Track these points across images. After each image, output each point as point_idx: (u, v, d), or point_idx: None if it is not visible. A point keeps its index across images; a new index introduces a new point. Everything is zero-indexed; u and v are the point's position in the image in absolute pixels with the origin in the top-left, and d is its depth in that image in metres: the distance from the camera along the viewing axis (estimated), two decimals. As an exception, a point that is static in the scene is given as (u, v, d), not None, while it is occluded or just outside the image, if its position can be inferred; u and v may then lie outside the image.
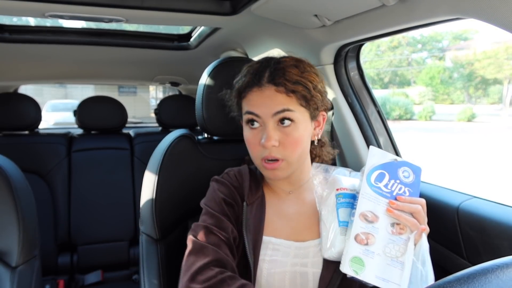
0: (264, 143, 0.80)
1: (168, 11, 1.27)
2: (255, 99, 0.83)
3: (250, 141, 0.85)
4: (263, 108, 0.81)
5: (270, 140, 0.80)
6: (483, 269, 0.41)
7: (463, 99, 20.98)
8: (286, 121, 0.81)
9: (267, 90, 0.81)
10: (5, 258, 1.09)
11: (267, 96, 0.81)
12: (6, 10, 1.28)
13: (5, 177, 1.12)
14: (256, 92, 0.83)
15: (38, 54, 1.96)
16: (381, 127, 1.33)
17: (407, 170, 0.79)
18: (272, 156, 0.81)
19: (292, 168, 0.85)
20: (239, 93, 0.86)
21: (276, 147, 0.81)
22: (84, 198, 2.21)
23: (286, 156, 0.82)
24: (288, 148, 0.81)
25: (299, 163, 0.86)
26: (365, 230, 0.74)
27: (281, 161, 0.82)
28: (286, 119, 0.81)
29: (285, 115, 0.80)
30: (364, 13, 0.99)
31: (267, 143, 0.80)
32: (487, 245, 0.93)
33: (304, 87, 0.81)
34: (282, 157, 0.81)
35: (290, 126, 0.81)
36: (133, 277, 2.21)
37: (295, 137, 0.81)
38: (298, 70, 0.83)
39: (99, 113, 2.34)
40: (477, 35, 22.73)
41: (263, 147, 0.81)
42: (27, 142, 2.19)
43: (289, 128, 0.81)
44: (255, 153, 0.84)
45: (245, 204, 0.87)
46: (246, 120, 0.85)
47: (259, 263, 0.82)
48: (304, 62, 0.86)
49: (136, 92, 11.89)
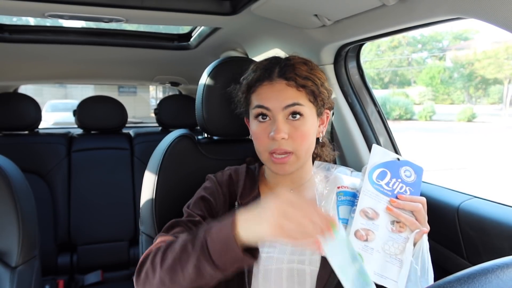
0: (274, 136, 0.81)
1: (168, 11, 1.27)
2: (266, 92, 0.84)
3: (258, 135, 0.85)
4: (274, 101, 0.82)
5: (280, 132, 0.81)
6: (483, 269, 0.41)
7: (463, 99, 20.99)
8: (296, 115, 0.83)
9: (277, 84, 0.83)
10: (5, 258, 1.09)
11: (278, 90, 0.83)
12: (6, 10, 1.28)
13: (5, 177, 1.12)
14: (267, 86, 0.84)
15: (38, 54, 1.96)
16: (381, 127, 1.33)
17: (409, 170, 0.79)
18: (281, 148, 0.82)
19: (300, 162, 0.86)
20: (249, 87, 0.87)
21: (285, 139, 0.82)
22: (84, 198, 2.21)
23: (295, 149, 0.83)
24: (297, 141, 0.83)
25: (306, 158, 0.88)
26: (365, 226, 0.74)
27: (290, 154, 0.83)
28: (296, 113, 0.83)
29: (295, 109, 0.82)
30: (364, 13, 0.99)
31: (277, 135, 0.81)
32: (487, 245, 0.93)
33: (313, 83, 0.84)
34: (291, 150, 0.83)
35: (299, 120, 0.83)
36: (133, 277, 2.20)
37: (304, 130, 0.83)
38: (307, 67, 0.85)
39: (99, 113, 2.34)
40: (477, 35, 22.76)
41: (273, 140, 0.82)
42: (27, 142, 2.19)
43: (298, 122, 0.83)
44: (263, 146, 0.85)
45: (236, 204, 0.88)
46: (255, 114, 0.85)
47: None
48: (311, 61, 0.89)
49: (136, 92, 11.90)
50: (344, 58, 1.30)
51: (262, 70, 0.86)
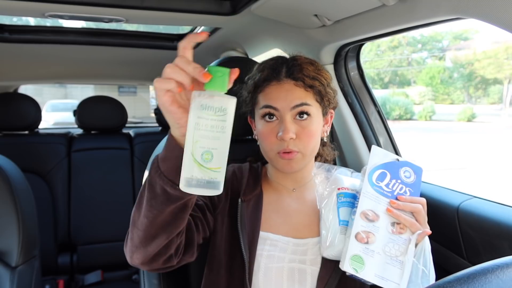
0: (282, 136, 0.81)
1: (168, 11, 1.27)
2: (274, 92, 0.84)
3: (265, 135, 0.85)
4: (282, 101, 0.83)
5: (288, 132, 0.81)
6: (483, 269, 0.41)
7: (463, 99, 21.00)
8: (303, 115, 0.83)
9: (286, 84, 0.84)
10: (5, 258, 1.09)
11: (287, 90, 0.83)
12: (6, 10, 1.28)
13: (5, 177, 1.12)
14: (275, 86, 0.84)
15: (38, 54, 1.96)
16: (381, 127, 1.33)
17: (409, 170, 0.79)
18: (289, 149, 0.82)
19: (306, 161, 0.86)
20: (256, 87, 0.87)
21: (293, 140, 0.83)
22: (84, 198, 2.21)
23: (302, 149, 0.83)
24: (304, 141, 0.83)
25: (311, 157, 0.88)
26: (365, 228, 0.74)
27: (296, 152, 0.83)
28: (304, 113, 0.83)
29: (303, 109, 0.83)
30: (364, 13, 0.99)
31: (285, 136, 0.81)
32: (487, 245, 0.93)
33: (320, 83, 0.84)
34: (298, 150, 0.83)
35: (307, 120, 0.83)
36: (133, 277, 2.21)
37: (311, 130, 0.84)
38: (314, 67, 0.86)
39: (99, 113, 2.34)
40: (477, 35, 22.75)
41: (281, 140, 0.82)
42: (27, 142, 2.19)
43: (305, 122, 0.83)
44: (270, 146, 0.85)
45: (240, 200, 0.88)
46: (262, 114, 0.85)
47: (257, 258, 0.83)
48: (316, 61, 0.89)
49: (136, 92, 11.88)
50: (344, 58, 1.30)
51: (270, 69, 0.86)
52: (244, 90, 0.92)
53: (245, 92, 0.91)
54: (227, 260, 0.85)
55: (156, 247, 0.71)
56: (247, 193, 0.90)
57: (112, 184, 2.27)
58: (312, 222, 0.87)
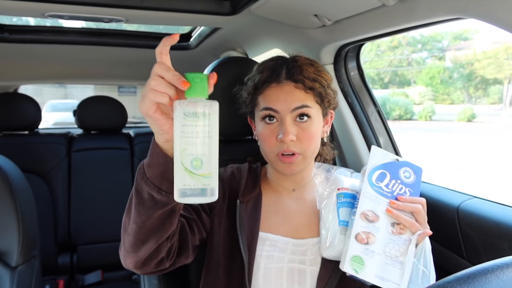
0: (282, 138, 0.81)
1: (168, 11, 1.27)
2: (274, 94, 0.84)
3: (265, 137, 0.85)
4: (282, 103, 0.83)
5: (289, 134, 0.81)
6: (483, 269, 0.41)
7: (463, 99, 20.98)
8: (304, 117, 0.83)
9: (286, 86, 0.83)
10: (5, 258, 1.09)
11: (287, 92, 0.83)
12: (6, 10, 1.28)
13: (5, 177, 1.12)
14: (275, 88, 0.84)
15: (38, 54, 1.96)
16: (381, 127, 1.33)
17: (408, 171, 0.79)
18: (290, 150, 0.83)
19: (306, 162, 0.86)
20: (256, 88, 0.87)
21: (294, 141, 0.83)
22: (84, 198, 2.21)
23: (302, 151, 0.83)
24: (305, 143, 0.83)
25: (311, 158, 0.88)
26: (365, 229, 0.74)
27: (297, 155, 0.83)
28: (304, 114, 0.83)
29: (303, 111, 0.83)
30: (364, 13, 0.99)
31: (286, 138, 0.81)
32: (487, 245, 0.93)
33: (320, 85, 0.84)
34: (298, 151, 0.83)
35: (307, 121, 0.84)
36: (133, 277, 2.20)
37: (311, 132, 0.84)
38: (314, 68, 0.85)
39: (99, 113, 2.34)
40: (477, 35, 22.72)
41: (281, 142, 0.82)
42: (27, 142, 2.19)
43: (306, 124, 0.83)
44: (270, 148, 0.85)
45: (238, 202, 0.88)
46: (262, 116, 0.85)
47: (256, 258, 0.82)
48: (316, 61, 0.89)
49: (136, 92, 11.87)
50: (344, 58, 1.30)
51: (269, 71, 0.86)
52: (244, 91, 0.92)
53: (245, 93, 0.91)
54: (226, 261, 0.85)
55: (146, 252, 0.72)
56: (245, 194, 0.89)
57: (112, 184, 2.26)
58: (311, 223, 0.87)
